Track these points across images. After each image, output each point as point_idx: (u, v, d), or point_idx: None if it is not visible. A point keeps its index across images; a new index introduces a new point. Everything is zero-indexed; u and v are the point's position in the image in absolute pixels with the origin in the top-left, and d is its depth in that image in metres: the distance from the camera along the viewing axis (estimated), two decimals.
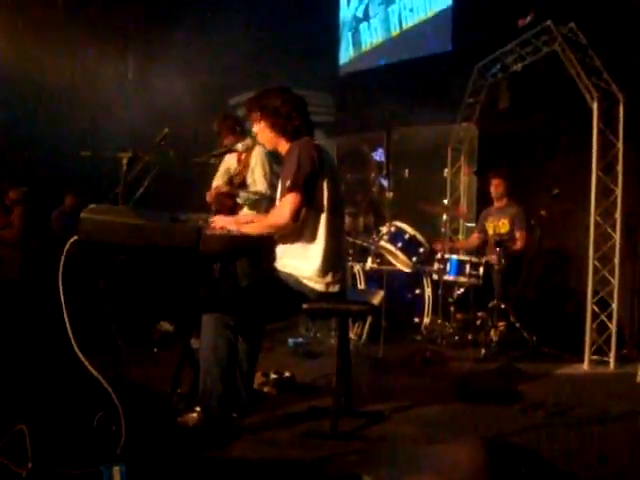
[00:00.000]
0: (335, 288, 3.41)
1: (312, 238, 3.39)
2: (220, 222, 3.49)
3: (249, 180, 5.55)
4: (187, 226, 2.96)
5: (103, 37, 7.70)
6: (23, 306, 4.78)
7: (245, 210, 5.52)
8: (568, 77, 5.57)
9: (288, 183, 3.30)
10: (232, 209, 5.49)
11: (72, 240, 2.91)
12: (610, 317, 5.32)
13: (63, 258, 2.92)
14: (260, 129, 3.56)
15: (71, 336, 2.96)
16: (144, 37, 8.30)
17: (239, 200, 5.53)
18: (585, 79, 5.39)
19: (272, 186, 5.43)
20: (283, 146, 3.53)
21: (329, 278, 3.39)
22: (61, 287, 2.95)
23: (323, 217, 3.39)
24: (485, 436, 3.51)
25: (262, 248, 3.55)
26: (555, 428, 3.70)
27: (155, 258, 3.27)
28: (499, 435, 3.53)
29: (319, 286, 3.38)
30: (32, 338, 4.57)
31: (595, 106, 5.33)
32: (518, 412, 3.97)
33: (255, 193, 5.49)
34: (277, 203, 3.47)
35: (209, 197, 5.69)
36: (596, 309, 5.34)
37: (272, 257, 3.52)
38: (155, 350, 5.24)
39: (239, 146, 3.74)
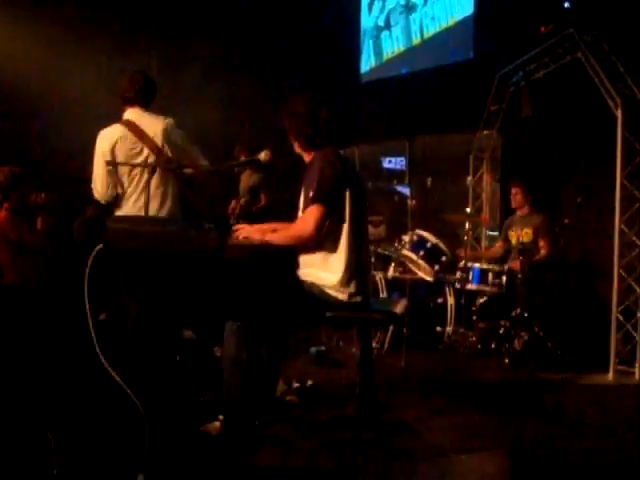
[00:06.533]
0: (358, 298, 3.40)
1: (335, 248, 3.37)
2: (244, 232, 3.48)
3: None
4: (211, 235, 2.97)
5: (127, 49, 7.78)
6: (47, 314, 4.82)
7: None
8: (591, 84, 5.53)
9: (311, 194, 3.27)
10: None
11: (97, 249, 2.93)
12: (635, 326, 5.25)
13: (89, 266, 2.94)
14: (289, 136, 3.53)
15: (96, 344, 2.98)
16: (166, 51, 8.38)
17: None
18: (609, 86, 5.35)
19: None
20: (307, 154, 3.51)
21: (352, 288, 3.38)
22: (86, 295, 2.97)
23: (346, 227, 3.36)
24: (510, 446, 3.48)
25: (285, 258, 3.54)
26: (580, 439, 3.67)
27: (178, 266, 3.28)
28: (524, 446, 3.50)
29: (342, 296, 3.37)
30: (57, 346, 4.61)
31: (619, 113, 5.28)
32: (542, 422, 3.93)
33: None
34: (300, 214, 3.46)
35: None
36: (621, 318, 5.28)
37: (296, 266, 3.52)
38: (177, 358, 5.24)
39: (262, 155, 3.70)
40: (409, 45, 9.27)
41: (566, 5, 6.05)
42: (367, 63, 9.93)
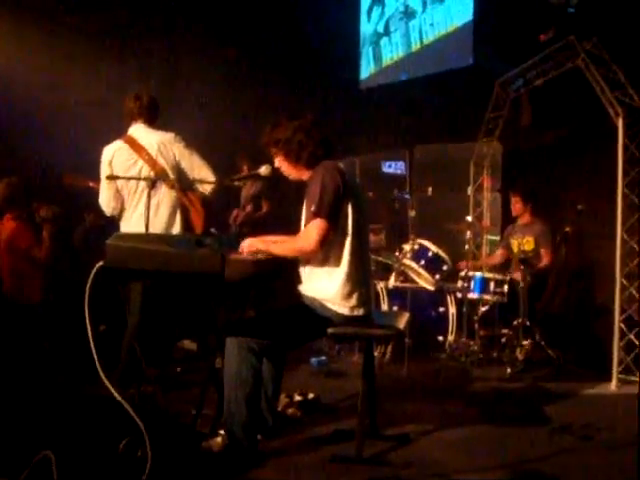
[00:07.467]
0: (360, 311, 3.39)
1: (336, 261, 3.36)
2: (249, 242, 3.48)
3: None
4: (212, 252, 2.96)
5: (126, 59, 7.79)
6: (47, 329, 4.81)
7: None
8: (591, 92, 5.51)
9: (313, 208, 3.27)
10: None
11: (98, 266, 2.92)
12: (638, 335, 5.24)
13: (89, 284, 2.93)
14: (279, 163, 3.54)
15: (97, 361, 2.97)
16: (166, 61, 8.38)
17: None
18: (609, 94, 5.33)
19: None
20: (305, 174, 3.50)
21: (354, 301, 3.37)
22: (87, 312, 2.96)
23: (348, 240, 3.36)
24: (513, 461, 3.47)
25: (286, 272, 3.53)
26: (584, 452, 3.65)
27: (180, 283, 3.27)
28: (526, 460, 3.49)
29: (344, 309, 3.36)
30: (56, 362, 4.60)
31: (620, 121, 5.27)
32: (546, 435, 3.91)
33: None
34: (302, 228, 3.45)
35: None
36: (623, 327, 5.26)
37: (297, 280, 3.51)
38: (178, 369, 5.23)
39: (262, 169, 3.71)
40: (408, 51, 9.27)
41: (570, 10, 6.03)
42: (366, 69, 9.93)
